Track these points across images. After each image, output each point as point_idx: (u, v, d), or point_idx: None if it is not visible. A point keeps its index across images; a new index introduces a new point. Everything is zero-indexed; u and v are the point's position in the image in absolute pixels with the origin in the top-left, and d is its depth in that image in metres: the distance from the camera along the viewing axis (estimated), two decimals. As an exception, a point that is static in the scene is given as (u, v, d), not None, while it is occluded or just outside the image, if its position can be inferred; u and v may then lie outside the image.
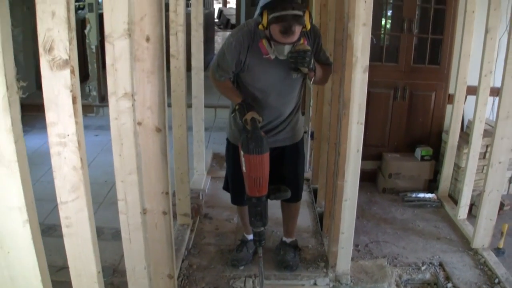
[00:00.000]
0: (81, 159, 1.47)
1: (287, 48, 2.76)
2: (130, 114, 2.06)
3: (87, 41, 7.49)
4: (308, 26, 2.75)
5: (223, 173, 5.12)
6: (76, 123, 1.41)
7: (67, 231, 1.56)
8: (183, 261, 3.48)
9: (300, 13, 2.65)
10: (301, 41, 2.79)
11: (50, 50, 1.33)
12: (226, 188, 3.56)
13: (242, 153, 2.80)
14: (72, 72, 1.36)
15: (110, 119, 2.04)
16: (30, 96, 1.48)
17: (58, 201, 1.52)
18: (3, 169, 1.24)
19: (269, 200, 2.92)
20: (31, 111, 4.69)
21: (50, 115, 1.40)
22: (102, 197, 4.56)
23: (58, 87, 1.37)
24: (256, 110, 2.89)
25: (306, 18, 2.70)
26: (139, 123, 2.43)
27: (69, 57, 1.34)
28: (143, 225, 2.24)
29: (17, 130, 1.23)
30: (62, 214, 1.53)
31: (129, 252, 2.31)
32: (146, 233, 2.36)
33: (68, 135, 1.43)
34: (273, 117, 3.13)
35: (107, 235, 3.88)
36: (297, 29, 2.68)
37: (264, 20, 2.69)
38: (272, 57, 2.86)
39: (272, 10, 2.65)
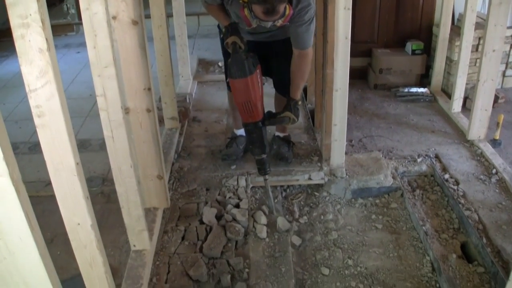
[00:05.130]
0: (46, 40, 1.31)
1: (270, 22, 2.60)
2: (101, 2, 1.89)
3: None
4: None
5: (209, 77, 5.08)
6: (38, 0, 1.25)
7: (39, 121, 1.42)
8: (173, 164, 3.41)
9: None
10: (287, 11, 2.58)
11: None
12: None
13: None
14: None
15: (81, 10, 1.89)
16: (6, 22, 1.35)
17: (27, 90, 1.38)
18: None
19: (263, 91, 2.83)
20: (9, 36, 4.54)
21: (9, -6, 1.24)
22: (87, 111, 4.48)
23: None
24: (240, 36, 2.80)
25: None
26: (114, 17, 2.29)
27: None
28: (125, 120, 2.12)
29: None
30: (32, 103, 1.39)
31: (114, 151, 2.20)
32: (130, 132, 2.25)
33: (30, 15, 1.27)
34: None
35: (94, 146, 3.84)
36: (281, 8, 2.50)
37: None
38: (254, 25, 2.70)
39: None
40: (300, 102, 3.02)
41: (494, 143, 3.70)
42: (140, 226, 2.43)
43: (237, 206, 3.00)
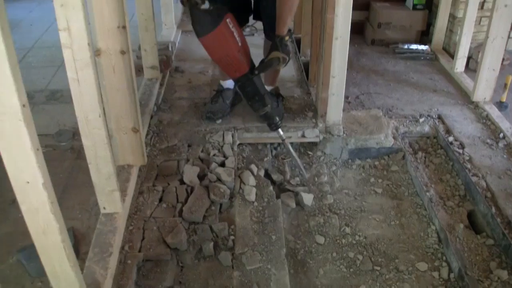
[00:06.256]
0: None
1: None
2: None
3: None
4: None
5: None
6: None
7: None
8: (152, 117, 3.12)
9: None
10: None
11: None
12: None
13: None
14: None
15: None
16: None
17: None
18: None
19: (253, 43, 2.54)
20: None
21: None
22: (61, 60, 4.11)
23: None
24: None
25: None
26: None
27: None
28: (93, 60, 1.78)
29: None
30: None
31: (79, 97, 1.88)
32: (102, 77, 1.93)
33: None
34: None
35: (66, 97, 3.52)
36: None
37: None
38: None
39: None
40: (288, 38, 2.72)
41: (501, 106, 3.47)
42: (111, 185, 2.12)
43: (222, 164, 2.75)
